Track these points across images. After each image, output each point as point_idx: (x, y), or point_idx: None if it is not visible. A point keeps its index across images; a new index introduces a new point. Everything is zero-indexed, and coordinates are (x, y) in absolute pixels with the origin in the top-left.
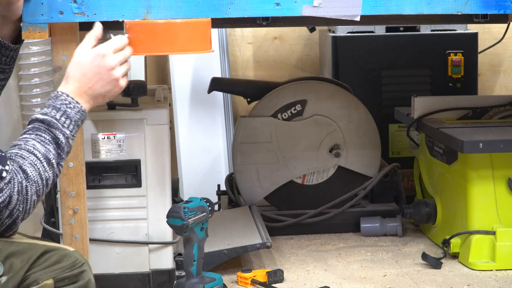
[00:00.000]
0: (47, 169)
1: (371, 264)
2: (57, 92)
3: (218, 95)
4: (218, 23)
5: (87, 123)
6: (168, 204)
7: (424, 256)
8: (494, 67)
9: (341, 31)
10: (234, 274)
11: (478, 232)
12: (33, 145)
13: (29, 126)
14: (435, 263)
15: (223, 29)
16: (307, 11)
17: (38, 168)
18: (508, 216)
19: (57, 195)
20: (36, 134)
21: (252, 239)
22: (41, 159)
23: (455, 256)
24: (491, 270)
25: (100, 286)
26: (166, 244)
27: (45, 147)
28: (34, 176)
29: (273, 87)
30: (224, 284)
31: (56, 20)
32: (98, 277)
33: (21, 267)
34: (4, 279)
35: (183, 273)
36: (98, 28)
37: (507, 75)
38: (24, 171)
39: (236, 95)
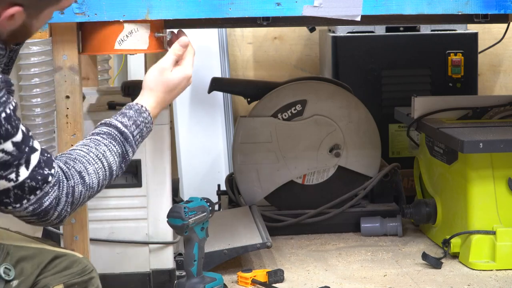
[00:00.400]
0: (107, 178)
1: (371, 264)
2: (142, 106)
3: (218, 95)
4: (218, 23)
5: (88, 123)
6: (168, 204)
7: (424, 256)
8: (494, 67)
9: (341, 31)
10: (234, 274)
11: (478, 232)
12: (104, 152)
13: (105, 129)
14: (435, 263)
15: (223, 29)
16: (307, 11)
17: (99, 176)
18: (508, 216)
19: None
20: (109, 142)
21: (252, 239)
22: (106, 168)
23: (455, 256)
24: (491, 270)
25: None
26: (166, 244)
27: (113, 158)
28: (92, 183)
29: (273, 87)
30: (224, 284)
31: (56, 20)
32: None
33: (32, 272)
34: (15, 283)
35: (184, 273)
36: (182, 43)
37: (507, 75)
38: (83, 176)
39: (236, 95)
